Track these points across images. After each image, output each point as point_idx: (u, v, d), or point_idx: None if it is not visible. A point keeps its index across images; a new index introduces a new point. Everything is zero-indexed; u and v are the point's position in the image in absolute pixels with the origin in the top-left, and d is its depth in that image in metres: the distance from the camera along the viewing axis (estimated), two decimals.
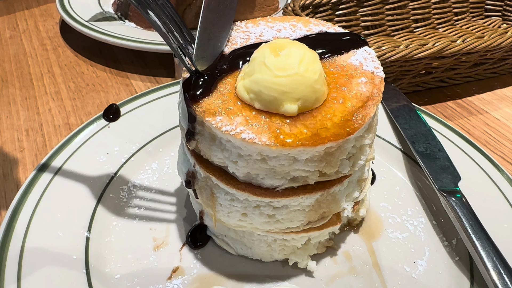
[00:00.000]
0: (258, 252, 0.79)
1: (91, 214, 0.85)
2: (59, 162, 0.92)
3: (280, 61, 0.61)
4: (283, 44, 0.63)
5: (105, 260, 0.79)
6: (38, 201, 0.84)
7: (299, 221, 0.71)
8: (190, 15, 1.49)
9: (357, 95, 0.65)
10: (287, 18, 0.83)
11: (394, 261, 0.81)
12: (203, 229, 0.84)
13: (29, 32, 1.61)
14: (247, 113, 0.62)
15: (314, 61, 0.62)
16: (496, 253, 0.73)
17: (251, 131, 0.60)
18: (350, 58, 0.72)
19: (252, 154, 0.62)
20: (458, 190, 0.84)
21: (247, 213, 0.70)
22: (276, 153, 0.61)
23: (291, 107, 0.61)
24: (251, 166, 0.64)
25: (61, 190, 0.87)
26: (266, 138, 0.59)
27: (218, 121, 0.61)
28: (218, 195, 0.70)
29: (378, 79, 0.69)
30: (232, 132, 0.60)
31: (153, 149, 1.00)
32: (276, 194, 0.67)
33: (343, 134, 0.61)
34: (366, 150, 0.70)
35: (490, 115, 1.21)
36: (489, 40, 1.14)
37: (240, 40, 0.75)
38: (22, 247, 0.76)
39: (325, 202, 0.71)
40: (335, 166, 0.65)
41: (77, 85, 1.33)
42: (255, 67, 0.62)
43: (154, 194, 0.92)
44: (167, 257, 0.81)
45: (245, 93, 0.63)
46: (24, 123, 1.18)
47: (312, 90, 0.61)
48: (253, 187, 0.67)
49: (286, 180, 0.66)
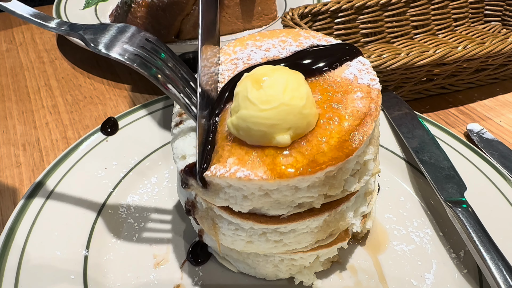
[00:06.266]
0: (263, 272, 0.77)
1: (90, 231, 0.83)
2: (57, 178, 0.90)
3: (263, 94, 0.58)
4: (264, 73, 0.60)
5: (104, 279, 0.77)
6: (35, 219, 0.82)
7: (307, 242, 0.69)
8: (188, 25, 1.48)
9: (353, 112, 0.63)
10: (275, 33, 0.81)
11: (401, 275, 0.79)
12: (204, 245, 0.82)
13: (25, 45, 1.59)
14: (238, 151, 0.60)
15: (298, 86, 0.60)
16: (505, 265, 0.71)
17: (246, 168, 0.58)
18: (344, 72, 0.70)
19: (254, 191, 0.60)
20: (464, 200, 0.82)
21: (253, 240, 0.68)
22: (275, 185, 0.58)
23: (283, 138, 0.58)
24: (255, 203, 0.62)
25: (59, 207, 0.85)
26: (262, 173, 0.57)
27: (212, 170, 0.59)
28: (221, 225, 0.68)
29: (375, 92, 0.67)
30: (226, 174, 0.58)
31: (152, 163, 0.99)
32: (282, 221, 0.64)
33: (342, 157, 0.59)
34: (371, 165, 0.68)
35: (493, 122, 1.19)
36: (490, 46, 1.13)
37: (228, 73, 0.73)
38: (18, 267, 0.74)
39: (333, 221, 0.69)
40: (340, 187, 0.63)
41: (74, 98, 1.31)
42: (240, 103, 0.60)
43: (154, 209, 0.90)
44: (168, 275, 0.79)
45: (234, 130, 0.61)
46: (21, 138, 1.16)
47: (301, 116, 0.59)
48: (258, 215, 0.65)
49: (291, 208, 0.63)
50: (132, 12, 1.48)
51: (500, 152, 1.03)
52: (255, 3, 1.56)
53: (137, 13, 1.47)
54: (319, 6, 1.32)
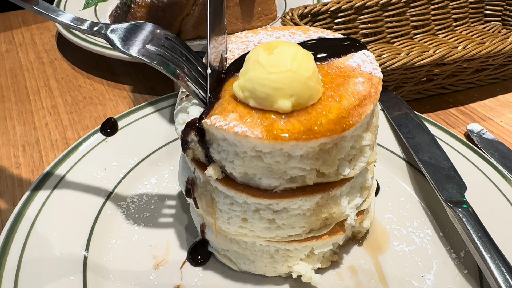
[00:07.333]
0: (261, 266, 0.77)
1: (89, 232, 0.83)
2: (56, 179, 0.90)
3: (273, 58, 0.61)
4: (277, 44, 0.64)
5: (104, 280, 0.76)
6: (34, 220, 0.82)
7: (301, 227, 0.70)
8: (188, 26, 1.48)
9: (353, 93, 0.65)
10: (286, 27, 0.84)
11: (401, 275, 0.79)
12: (204, 245, 0.82)
13: (25, 45, 1.59)
14: (242, 110, 0.62)
15: (307, 59, 0.63)
16: (506, 265, 0.71)
17: (244, 125, 0.60)
18: (348, 60, 0.72)
19: (247, 150, 0.62)
20: (465, 200, 0.82)
21: (247, 217, 0.69)
22: (269, 147, 0.60)
23: (284, 104, 0.60)
24: (247, 165, 0.64)
25: (58, 207, 0.85)
26: (259, 132, 0.59)
27: (212, 119, 0.62)
28: (218, 199, 0.70)
29: (376, 79, 0.69)
30: (225, 126, 0.60)
31: (152, 164, 0.98)
32: (275, 195, 0.66)
33: (337, 130, 0.60)
34: (367, 152, 0.69)
35: (493, 122, 1.19)
36: (490, 46, 1.13)
37: (238, 51, 0.76)
38: (18, 268, 0.74)
39: (326, 206, 0.70)
40: (333, 165, 0.65)
41: (74, 98, 1.31)
42: (249, 66, 0.63)
43: (154, 210, 0.90)
44: (168, 276, 0.78)
45: (239, 91, 0.63)
46: (21, 138, 1.16)
47: (305, 86, 0.61)
48: (251, 188, 0.66)
49: (283, 180, 0.65)
50: (131, 13, 1.48)
51: (500, 152, 1.03)
52: (255, 4, 1.55)
53: (137, 14, 1.47)
54: (318, 6, 1.32)
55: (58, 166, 0.92)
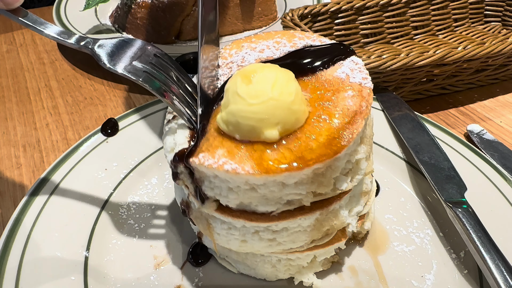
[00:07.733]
0: (262, 273, 0.77)
1: (90, 232, 0.83)
2: (57, 179, 0.90)
3: (252, 88, 0.59)
4: (254, 69, 0.61)
5: (105, 280, 0.77)
6: (35, 220, 0.82)
7: (303, 241, 0.69)
8: (188, 26, 1.48)
9: (343, 110, 0.63)
10: (271, 35, 0.81)
11: (401, 276, 0.79)
12: (204, 246, 0.82)
13: (26, 46, 1.60)
14: (229, 144, 0.60)
15: (287, 82, 0.60)
16: (506, 266, 0.71)
17: (234, 161, 0.58)
18: (336, 71, 0.70)
19: (240, 184, 0.60)
20: (465, 201, 0.82)
21: (247, 239, 0.68)
22: (262, 180, 0.58)
23: (271, 133, 0.59)
24: (242, 197, 0.62)
25: (59, 208, 0.85)
26: (249, 167, 0.57)
27: (200, 158, 0.60)
28: (215, 225, 0.68)
29: (366, 90, 0.67)
30: (214, 165, 0.58)
31: (153, 164, 0.99)
32: (273, 218, 0.64)
33: (330, 154, 0.58)
34: (363, 164, 0.68)
35: (493, 122, 1.19)
36: (490, 46, 1.13)
37: (224, 78, 0.74)
38: (19, 268, 0.74)
39: (326, 220, 0.69)
40: (329, 185, 0.63)
41: (74, 99, 1.31)
42: (229, 98, 0.60)
43: (154, 210, 0.90)
44: (168, 276, 0.79)
45: (224, 125, 0.61)
46: (21, 139, 1.16)
47: (290, 112, 0.59)
48: (248, 213, 0.64)
49: (280, 205, 0.63)
50: (132, 13, 1.48)
51: (500, 153, 1.03)
52: (255, 4, 1.56)
53: (137, 14, 1.47)
54: (319, 7, 1.32)
55: (58, 166, 0.93)
